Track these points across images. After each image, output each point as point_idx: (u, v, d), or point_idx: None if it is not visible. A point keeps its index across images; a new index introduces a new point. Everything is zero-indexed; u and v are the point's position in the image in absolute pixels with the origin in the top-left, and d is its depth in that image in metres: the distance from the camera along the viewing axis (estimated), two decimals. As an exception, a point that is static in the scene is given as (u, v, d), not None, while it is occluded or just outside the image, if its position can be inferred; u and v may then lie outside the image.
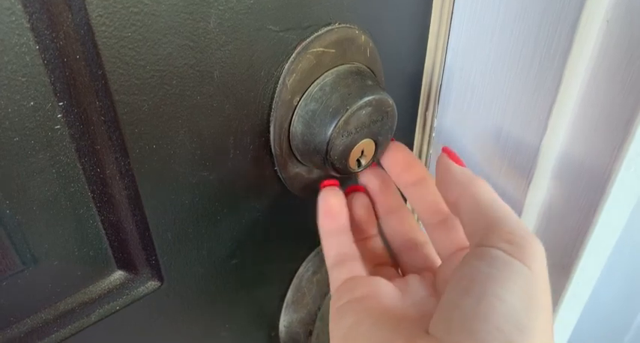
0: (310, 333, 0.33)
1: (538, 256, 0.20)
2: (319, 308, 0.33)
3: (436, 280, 0.26)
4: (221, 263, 0.28)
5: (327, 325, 0.34)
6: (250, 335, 0.33)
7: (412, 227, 0.29)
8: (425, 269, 0.27)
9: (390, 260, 0.30)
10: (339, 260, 0.26)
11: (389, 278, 0.25)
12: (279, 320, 0.34)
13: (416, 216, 0.34)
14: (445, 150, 0.27)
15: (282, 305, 0.34)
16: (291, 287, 0.33)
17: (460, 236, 0.27)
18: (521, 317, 0.18)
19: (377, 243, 0.30)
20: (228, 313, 0.31)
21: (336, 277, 0.25)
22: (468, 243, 0.25)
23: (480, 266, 0.20)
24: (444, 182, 0.26)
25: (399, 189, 0.29)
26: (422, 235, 0.29)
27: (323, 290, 0.33)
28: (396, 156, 0.29)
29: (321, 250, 0.33)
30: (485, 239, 0.21)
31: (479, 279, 0.19)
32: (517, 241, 0.20)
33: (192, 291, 0.27)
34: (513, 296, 0.19)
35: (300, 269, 0.33)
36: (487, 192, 0.24)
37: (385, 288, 0.24)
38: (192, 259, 0.26)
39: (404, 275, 0.28)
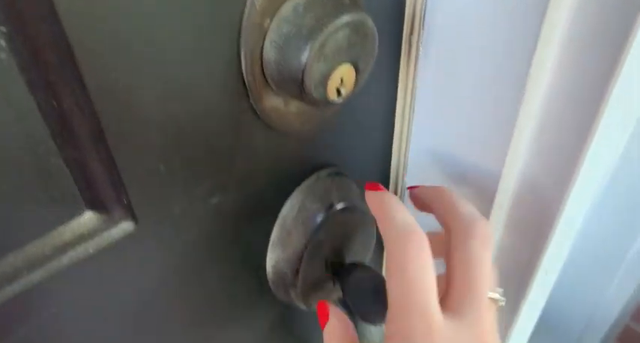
0: (297, 272, 0.33)
1: None
2: (306, 247, 0.32)
3: None
4: (200, 203, 0.27)
5: (314, 263, 0.34)
6: (236, 277, 0.33)
7: None
8: None
9: None
10: None
11: None
12: (265, 260, 0.34)
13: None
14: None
15: (267, 244, 0.33)
16: (276, 226, 0.33)
17: None
18: None
19: None
20: (211, 255, 0.30)
21: None
22: None
23: None
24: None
25: None
26: None
27: (308, 229, 0.32)
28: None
29: (306, 187, 0.33)
30: None
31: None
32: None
33: (170, 233, 0.26)
34: None
35: (284, 208, 0.32)
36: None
37: None
38: (168, 198, 0.25)
39: None
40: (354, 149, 0.37)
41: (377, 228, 0.36)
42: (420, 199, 0.33)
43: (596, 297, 1.29)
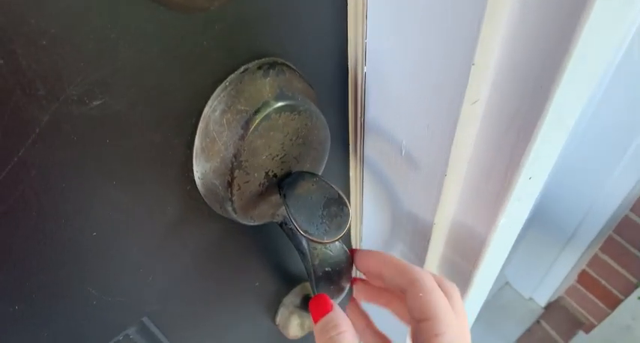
0: (229, 184, 0.27)
1: None
2: (234, 156, 0.26)
3: None
4: (84, 108, 0.21)
5: (250, 174, 0.28)
6: (159, 195, 0.28)
7: None
8: None
9: None
10: None
11: None
12: (192, 172, 0.28)
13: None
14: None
15: (191, 154, 0.28)
16: (198, 132, 0.27)
17: None
18: None
19: None
20: (117, 172, 0.25)
21: None
22: None
23: None
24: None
25: None
26: None
27: (236, 133, 0.26)
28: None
29: (231, 83, 0.26)
30: None
31: None
32: None
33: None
34: None
35: (205, 110, 0.26)
36: None
37: None
38: (27, 104, 0.19)
39: None
40: (297, 34, 0.29)
41: (331, 133, 0.30)
42: (369, 273, 0.36)
43: (595, 190, 1.26)
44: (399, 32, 0.28)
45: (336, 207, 0.29)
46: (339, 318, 0.32)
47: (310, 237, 0.28)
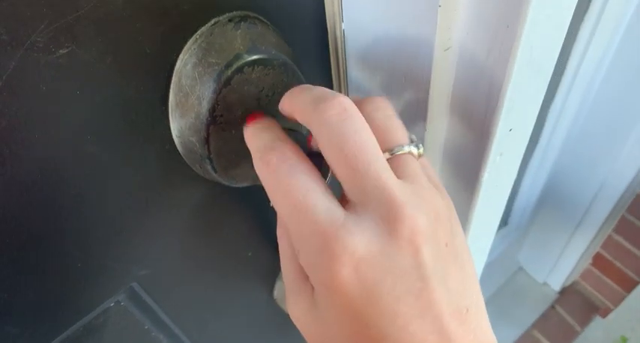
0: (206, 140, 0.28)
1: None
2: (210, 111, 0.27)
3: None
4: (50, 56, 0.21)
5: (227, 130, 0.29)
6: (138, 154, 0.28)
7: None
8: None
9: None
10: None
11: None
12: (169, 130, 0.29)
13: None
14: None
15: (167, 111, 0.28)
16: (172, 87, 0.27)
17: None
18: None
19: None
20: (91, 126, 0.25)
21: None
22: None
23: None
24: None
25: None
26: None
27: (209, 88, 0.26)
28: None
29: (202, 36, 0.26)
30: None
31: None
32: None
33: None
34: None
35: (178, 64, 0.26)
36: None
37: None
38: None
39: None
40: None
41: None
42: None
43: (604, 169, 1.24)
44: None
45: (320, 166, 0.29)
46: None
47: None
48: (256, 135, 0.26)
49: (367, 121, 0.23)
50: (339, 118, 0.22)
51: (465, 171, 0.33)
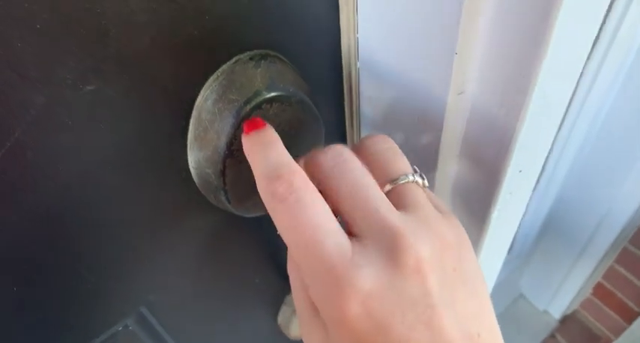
0: (222, 173, 0.28)
1: None
2: (226, 144, 0.27)
3: None
4: (78, 92, 0.22)
5: (243, 163, 0.29)
6: (155, 184, 0.29)
7: None
8: None
9: None
10: None
11: None
12: (187, 162, 0.29)
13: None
14: None
15: (185, 143, 0.28)
16: (191, 121, 0.28)
17: None
18: None
19: None
20: (112, 157, 0.26)
21: None
22: None
23: None
24: None
25: None
26: None
27: (228, 123, 0.27)
28: None
29: (223, 73, 0.27)
30: None
31: None
32: None
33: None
34: None
35: (199, 99, 0.27)
36: None
37: None
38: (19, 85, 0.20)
39: None
40: (290, 30, 0.30)
41: (324, 123, 0.31)
42: None
43: (607, 200, 1.24)
44: (389, 25, 0.29)
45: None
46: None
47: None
48: (259, 153, 0.25)
49: (368, 155, 0.24)
50: (335, 163, 0.24)
51: (475, 208, 0.33)
